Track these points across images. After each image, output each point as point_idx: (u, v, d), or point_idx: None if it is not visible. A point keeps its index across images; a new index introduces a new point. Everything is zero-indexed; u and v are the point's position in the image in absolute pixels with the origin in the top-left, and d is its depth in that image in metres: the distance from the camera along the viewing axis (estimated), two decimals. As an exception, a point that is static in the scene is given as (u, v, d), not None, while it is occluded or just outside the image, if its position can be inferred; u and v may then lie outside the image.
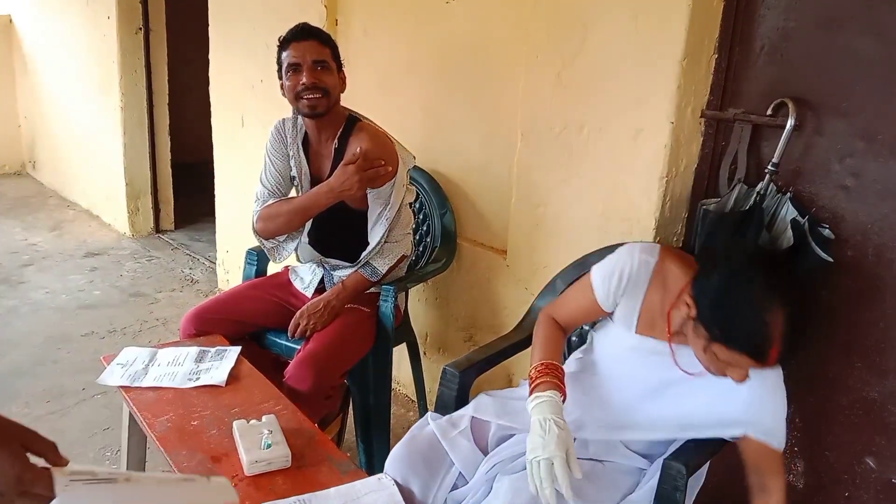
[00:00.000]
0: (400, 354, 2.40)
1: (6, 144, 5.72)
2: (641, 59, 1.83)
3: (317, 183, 2.08)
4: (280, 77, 2.04)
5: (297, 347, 2.04)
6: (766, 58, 1.74)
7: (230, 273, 3.64)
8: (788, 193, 1.69)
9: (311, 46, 1.98)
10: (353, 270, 2.13)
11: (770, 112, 1.71)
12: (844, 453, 1.75)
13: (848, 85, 1.61)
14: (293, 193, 2.19)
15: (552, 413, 1.36)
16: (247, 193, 2.58)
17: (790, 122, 1.65)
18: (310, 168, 2.13)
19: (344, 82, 2.07)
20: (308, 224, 2.16)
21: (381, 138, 2.06)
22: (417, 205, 2.50)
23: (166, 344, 1.97)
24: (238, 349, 1.88)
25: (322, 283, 2.20)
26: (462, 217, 2.54)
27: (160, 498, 0.96)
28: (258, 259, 2.39)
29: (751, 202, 1.70)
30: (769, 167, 1.69)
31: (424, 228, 2.51)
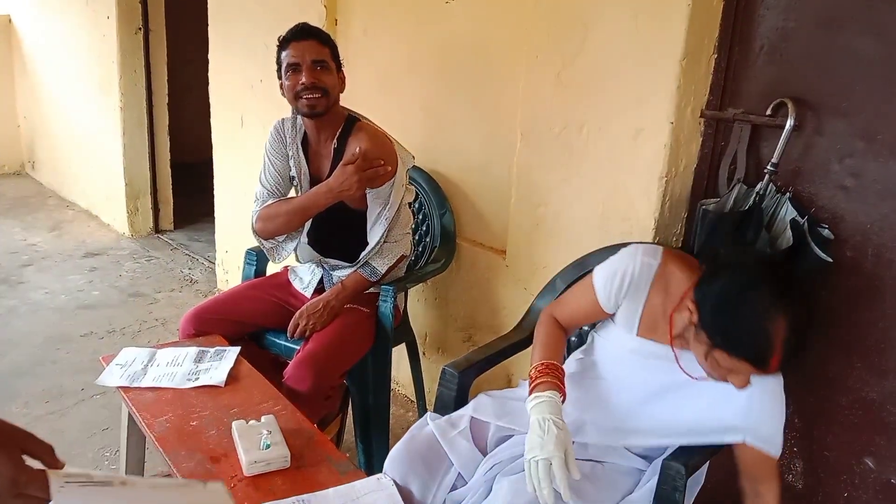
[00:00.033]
0: (399, 355, 2.40)
1: (5, 144, 5.72)
2: (641, 59, 1.83)
3: (316, 183, 2.08)
4: (279, 77, 2.04)
5: (297, 348, 2.04)
6: (766, 58, 1.74)
7: (229, 273, 3.64)
8: (788, 193, 1.69)
9: (311, 46, 1.98)
10: (353, 270, 2.13)
11: (769, 112, 1.71)
12: (844, 453, 1.75)
13: (848, 85, 1.61)
14: (292, 193, 2.19)
15: (551, 413, 1.35)
16: (246, 194, 2.58)
17: (789, 122, 1.65)
18: (309, 168, 2.13)
19: (343, 82, 2.07)
20: (307, 224, 2.16)
21: (381, 138, 2.06)
22: (417, 205, 2.50)
23: (165, 344, 1.97)
24: (237, 349, 1.88)
25: (321, 284, 2.20)
26: (461, 217, 2.53)
27: (155, 502, 0.95)
28: (257, 259, 2.39)
29: (750, 202, 1.70)
30: (768, 167, 1.69)
31: (424, 228, 2.51)
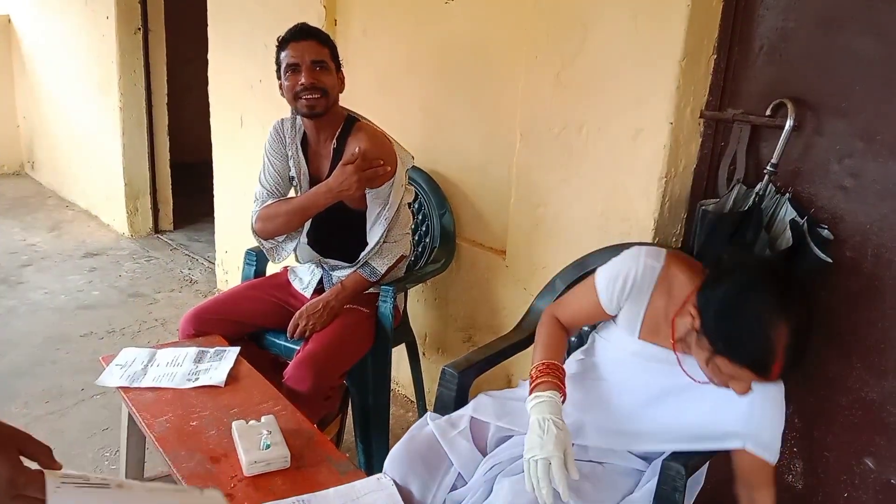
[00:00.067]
0: (399, 355, 2.40)
1: (5, 144, 5.72)
2: (641, 60, 1.83)
3: (316, 183, 2.08)
4: (279, 77, 2.04)
5: (296, 348, 2.04)
6: (765, 58, 1.74)
7: (229, 273, 3.64)
8: (787, 194, 1.69)
9: (310, 46, 1.98)
10: (352, 271, 2.13)
11: (769, 112, 1.71)
12: (843, 454, 1.75)
13: (847, 85, 1.61)
14: (292, 193, 2.19)
15: (551, 413, 1.35)
16: (246, 194, 2.57)
17: (789, 123, 1.65)
18: (308, 168, 2.13)
19: (343, 82, 2.07)
20: (307, 224, 2.16)
21: (380, 138, 2.06)
22: (417, 205, 2.50)
23: (165, 344, 1.97)
24: (237, 349, 1.88)
25: (321, 284, 2.20)
26: (461, 217, 2.53)
27: None
28: (257, 259, 2.39)
29: (750, 203, 1.70)
30: (768, 168, 1.69)
31: (424, 229, 2.51)
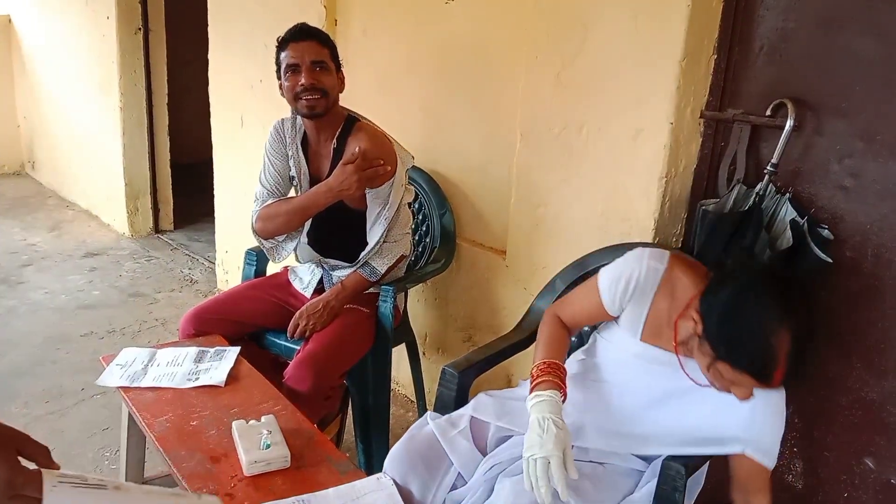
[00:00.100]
0: (399, 355, 2.40)
1: (5, 144, 5.72)
2: (641, 60, 1.83)
3: (316, 183, 2.08)
4: (278, 77, 2.04)
5: (297, 348, 2.04)
6: (766, 58, 1.74)
7: (229, 273, 3.64)
8: (787, 194, 1.69)
9: (310, 47, 1.98)
10: (352, 270, 2.13)
11: (769, 112, 1.71)
12: (843, 454, 1.75)
13: (847, 85, 1.61)
14: (292, 193, 2.19)
15: (551, 412, 1.35)
16: (246, 194, 2.58)
17: (789, 123, 1.65)
18: (309, 168, 2.13)
19: (343, 82, 2.07)
20: (307, 224, 2.16)
21: (380, 138, 2.06)
22: (417, 205, 2.50)
23: (165, 344, 1.97)
24: (237, 349, 1.88)
25: (321, 284, 2.20)
26: (461, 217, 2.53)
27: None
28: (257, 259, 2.39)
29: (750, 203, 1.70)
30: (768, 168, 1.69)
31: (424, 229, 2.51)
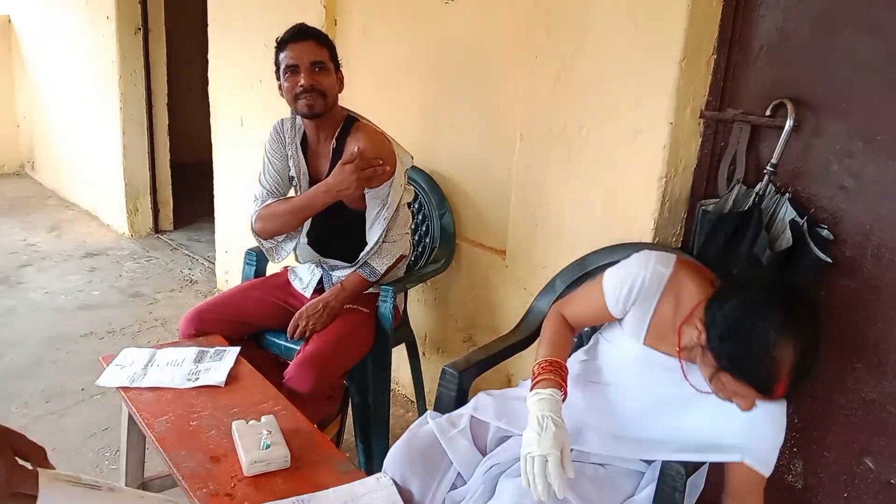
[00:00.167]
0: (399, 355, 2.40)
1: (5, 145, 5.73)
2: (640, 60, 1.83)
3: (315, 183, 2.08)
4: (278, 78, 2.04)
5: (297, 348, 2.04)
6: (765, 58, 1.74)
7: (229, 273, 3.64)
8: (787, 194, 1.69)
9: (309, 47, 1.97)
10: (352, 271, 2.13)
11: (769, 113, 1.71)
12: (843, 454, 1.75)
13: (847, 85, 1.61)
14: (292, 193, 2.19)
15: (551, 411, 1.35)
16: (246, 194, 2.58)
17: (789, 123, 1.65)
18: (308, 168, 2.13)
19: (342, 83, 2.07)
20: (306, 224, 2.16)
21: (379, 138, 2.06)
22: (416, 205, 2.50)
23: (165, 344, 1.97)
24: (237, 349, 1.88)
25: (321, 284, 2.20)
26: (461, 217, 2.54)
27: None
28: (257, 259, 2.39)
29: (749, 203, 1.70)
30: (768, 168, 1.69)
31: (424, 229, 2.51)
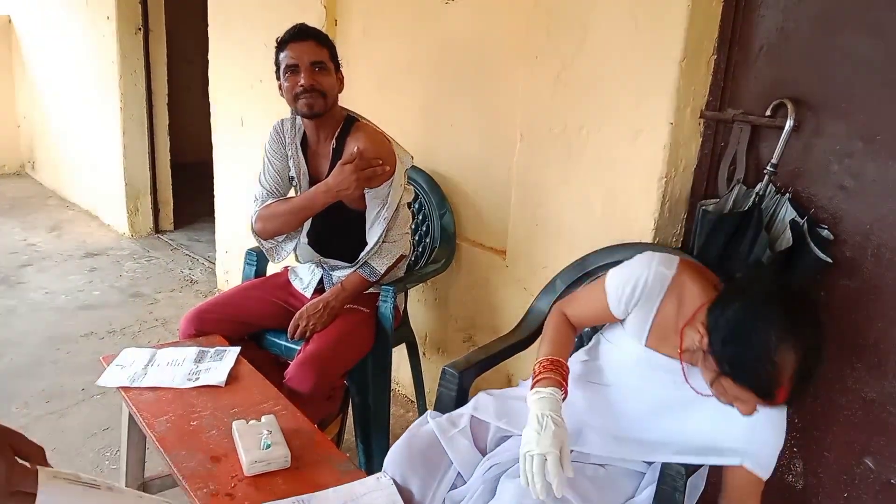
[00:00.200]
0: (399, 355, 2.40)
1: (5, 145, 5.73)
2: (641, 60, 1.83)
3: (315, 183, 2.08)
4: (278, 78, 2.04)
5: (297, 348, 2.04)
6: (765, 58, 1.74)
7: (229, 273, 3.64)
8: (787, 194, 1.69)
9: (309, 47, 1.98)
10: (352, 271, 2.13)
11: (769, 113, 1.71)
12: (844, 453, 1.75)
13: (847, 85, 1.61)
14: (292, 193, 2.19)
15: (551, 409, 1.35)
16: (246, 194, 2.58)
17: (789, 123, 1.65)
18: (308, 168, 2.13)
19: (342, 83, 2.07)
20: (307, 224, 2.16)
21: (379, 138, 2.06)
22: (417, 205, 2.50)
23: (166, 344, 1.97)
24: (237, 349, 1.88)
25: (321, 284, 2.20)
26: (461, 217, 2.54)
27: None
28: (257, 259, 2.39)
29: (750, 203, 1.70)
30: (768, 168, 1.69)
31: (424, 229, 2.51)
